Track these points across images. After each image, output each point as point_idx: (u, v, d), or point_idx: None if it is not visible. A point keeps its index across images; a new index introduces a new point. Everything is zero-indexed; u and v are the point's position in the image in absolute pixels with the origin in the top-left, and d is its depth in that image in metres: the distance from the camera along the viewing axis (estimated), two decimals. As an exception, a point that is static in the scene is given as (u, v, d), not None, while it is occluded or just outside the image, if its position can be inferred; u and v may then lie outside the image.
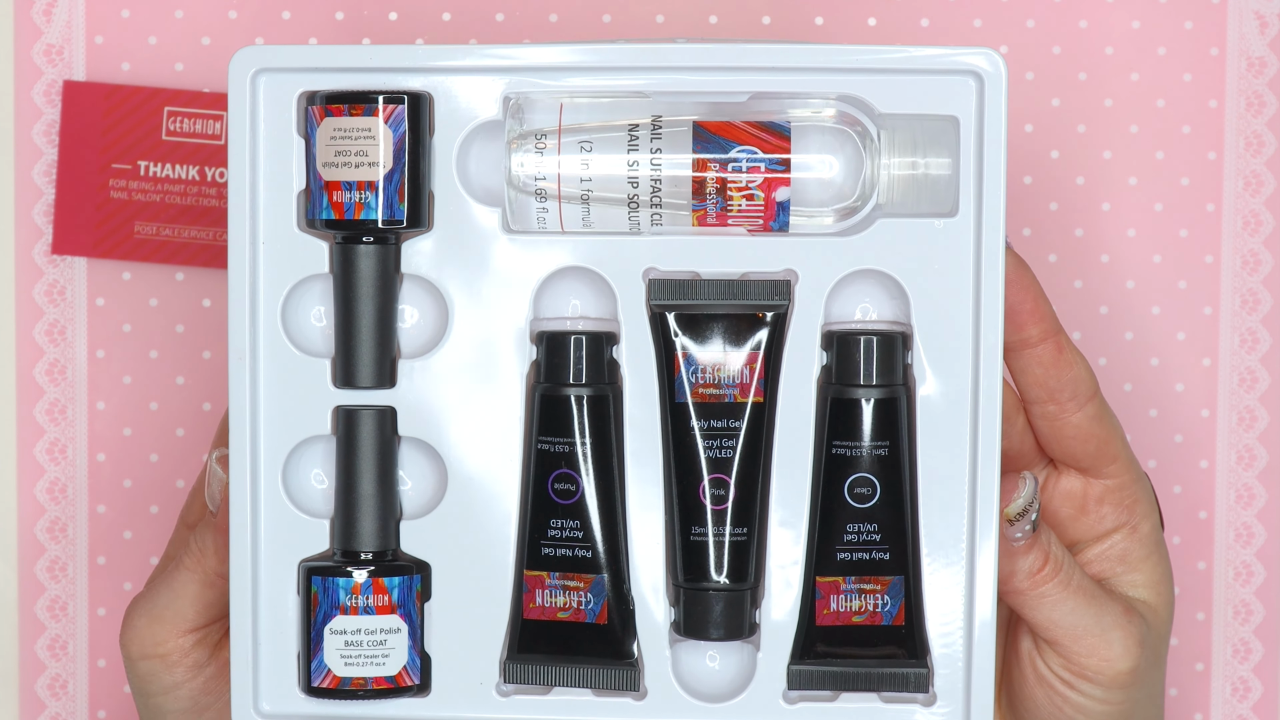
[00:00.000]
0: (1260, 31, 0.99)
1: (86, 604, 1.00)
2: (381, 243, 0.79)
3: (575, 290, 0.80)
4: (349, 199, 0.77)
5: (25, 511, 1.00)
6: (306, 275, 0.80)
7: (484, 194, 0.79)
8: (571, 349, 0.79)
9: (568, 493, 0.80)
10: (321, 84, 0.78)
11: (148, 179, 0.99)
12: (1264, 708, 1.00)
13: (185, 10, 1.00)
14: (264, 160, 0.79)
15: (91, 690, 1.00)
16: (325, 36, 1.00)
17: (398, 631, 0.80)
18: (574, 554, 0.80)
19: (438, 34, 1.00)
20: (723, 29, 1.00)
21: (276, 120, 0.79)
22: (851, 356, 0.78)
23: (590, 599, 0.80)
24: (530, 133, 0.77)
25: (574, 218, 0.78)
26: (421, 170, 0.78)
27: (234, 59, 0.78)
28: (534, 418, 0.79)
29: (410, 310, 0.80)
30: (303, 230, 0.79)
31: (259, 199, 0.79)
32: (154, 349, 1.00)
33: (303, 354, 0.80)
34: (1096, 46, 1.00)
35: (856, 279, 0.79)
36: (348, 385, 0.79)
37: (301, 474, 0.81)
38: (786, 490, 0.80)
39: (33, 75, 0.99)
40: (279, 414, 0.80)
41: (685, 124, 0.77)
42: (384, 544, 0.80)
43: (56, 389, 1.00)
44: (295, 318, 0.80)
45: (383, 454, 0.80)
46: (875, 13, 1.00)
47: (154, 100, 0.99)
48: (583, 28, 1.00)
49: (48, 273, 1.00)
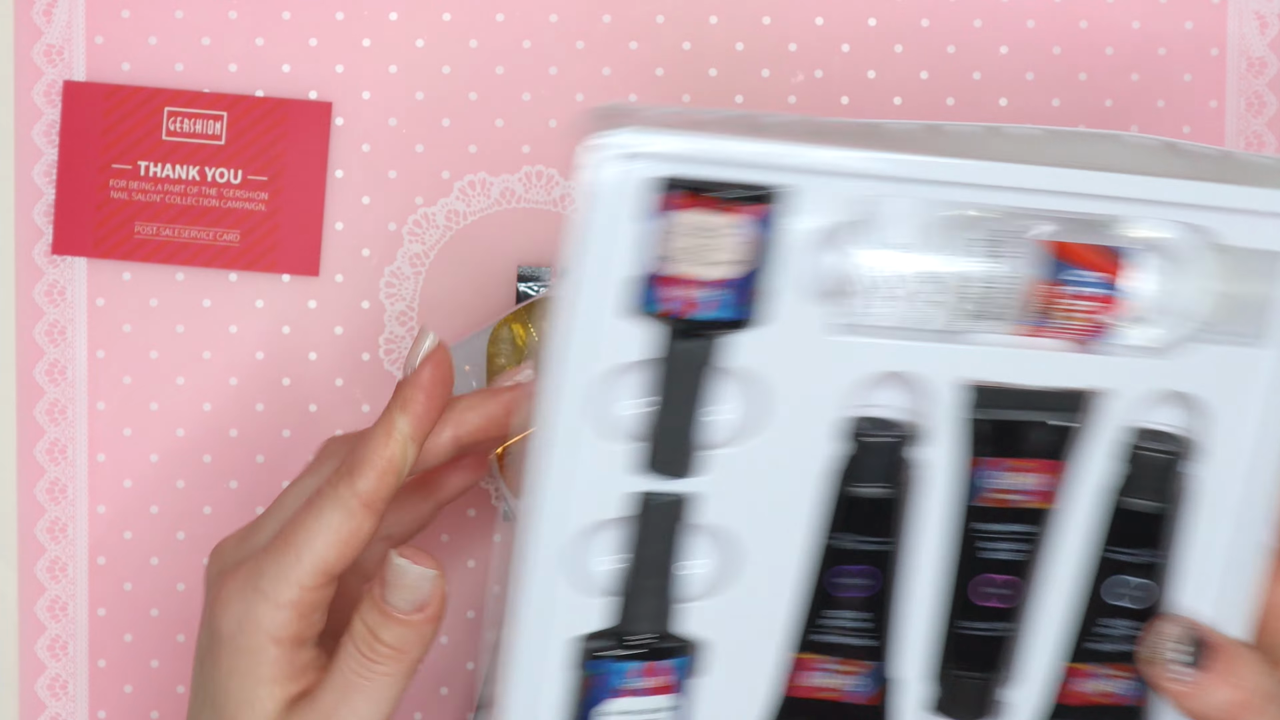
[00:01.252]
0: (1260, 31, 0.99)
1: (86, 604, 1.00)
2: (709, 339, 0.76)
3: (884, 394, 0.79)
4: (688, 295, 0.74)
5: (25, 511, 1.00)
6: (624, 361, 0.76)
7: (809, 292, 0.76)
8: (875, 451, 0.79)
9: (847, 586, 0.81)
10: (666, 170, 0.73)
11: (148, 179, 0.99)
12: (1264, 708, 1.00)
13: (185, 10, 1.00)
14: (598, 240, 0.74)
15: (91, 690, 1.00)
16: (325, 37, 1.00)
17: (668, 711, 0.80)
18: (844, 641, 0.82)
19: (438, 33, 1.00)
20: (723, 29, 1.00)
21: (613, 200, 0.73)
22: (1142, 472, 0.80)
23: (856, 683, 0.82)
24: (867, 237, 0.76)
25: (897, 319, 0.77)
26: (768, 271, 0.75)
27: (589, 141, 0.72)
28: (827, 512, 0.79)
29: (723, 403, 0.77)
30: (626, 316, 0.75)
31: (586, 279, 0.74)
32: (154, 349, 1.00)
33: (608, 438, 0.77)
34: (1096, 46, 1.00)
35: (1161, 399, 0.80)
36: (652, 472, 0.77)
37: (589, 554, 0.78)
38: (1058, 592, 0.81)
39: (33, 75, 0.99)
40: (570, 493, 0.77)
41: (1023, 239, 0.76)
42: (662, 627, 0.80)
43: (56, 389, 1.00)
44: (606, 401, 0.77)
45: (672, 541, 0.78)
46: (875, 13, 1.00)
47: (154, 100, 0.99)
48: (583, 28, 1.00)
49: (48, 273, 1.00)
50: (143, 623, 1.00)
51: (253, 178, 0.99)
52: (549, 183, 1.00)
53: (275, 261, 0.99)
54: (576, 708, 0.79)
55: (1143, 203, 0.76)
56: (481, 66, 1.00)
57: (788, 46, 1.00)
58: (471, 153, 1.00)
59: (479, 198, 1.00)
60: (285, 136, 0.99)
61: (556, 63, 1.00)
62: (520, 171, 1.00)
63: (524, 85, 1.00)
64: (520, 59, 1.00)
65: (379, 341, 1.00)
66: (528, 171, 1.00)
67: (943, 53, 1.00)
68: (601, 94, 1.00)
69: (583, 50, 1.00)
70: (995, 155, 0.76)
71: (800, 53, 1.00)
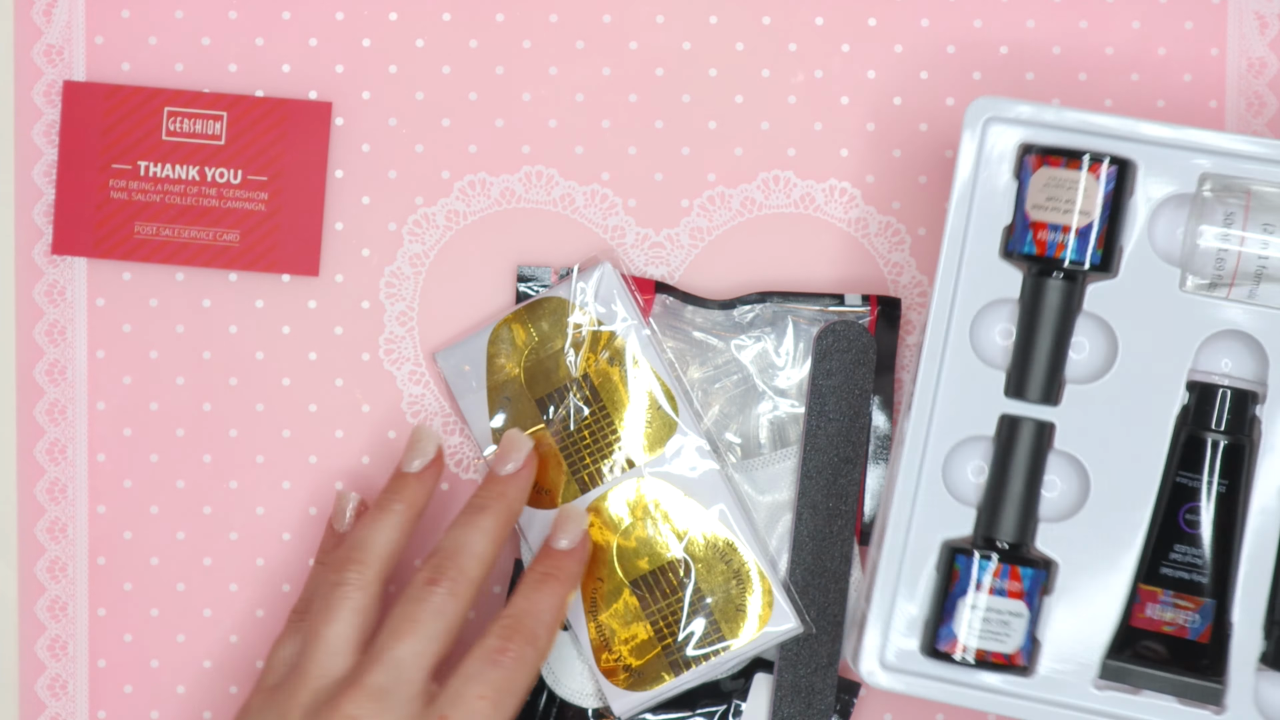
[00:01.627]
0: (1260, 32, 0.99)
1: (87, 604, 1.00)
2: (1070, 280, 0.91)
3: (1232, 350, 0.91)
4: (1052, 239, 0.90)
5: (25, 511, 1.00)
6: (998, 298, 0.92)
7: (1166, 254, 0.91)
8: (1219, 400, 0.90)
9: (1194, 523, 0.90)
10: (1035, 137, 0.91)
11: (148, 179, 0.99)
12: (1264, 708, 1.00)
13: (185, 10, 1.00)
14: (979, 194, 0.91)
15: (91, 690, 1.00)
16: (325, 37, 1.00)
17: (1020, 616, 0.91)
18: (1190, 578, 0.91)
19: (438, 33, 1.00)
20: (723, 29, 1.00)
21: (993, 162, 0.92)
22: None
23: (1196, 619, 0.91)
24: (1220, 210, 0.89)
25: (1243, 289, 0.90)
26: (1119, 224, 0.90)
27: (971, 106, 0.91)
28: (1177, 453, 0.91)
29: (1084, 342, 0.92)
30: (1002, 259, 0.92)
31: (970, 227, 0.91)
32: (154, 349, 1.00)
33: (984, 364, 0.92)
34: (1096, 46, 1.00)
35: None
36: (1018, 396, 0.91)
37: (961, 466, 0.92)
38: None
39: (33, 75, 0.99)
40: (954, 412, 0.92)
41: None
42: (1021, 538, 0.91)
43: (56, 389, 1.00)
44: (982, 332, 0.92)
45: (1035, 461, 0.91)
46: (875, 13, 1.00)
47: (154, 100, 0.99)
48: (583, 27, 1.00)
49: (48, 273, 1.00)
50: (143, 623, 1.00)
51: (253, 178, 0.99)
52: (549, 183, 1.00)
53: (275, 261, 0.99)
54: (944, 597, 0.91)
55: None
56: (481, 66, 1.00)
57: (788, 46, 1.00)
58: (471, 153, 1.00)
59: (479, 198, 1.00)
60: (285, 136, 0.99)
61: (556, 63, 1.00)
62: (520, 171, 1.00)
63: (524, 85, 1.00)
64: (520, 59, 1.00)
65: (379, 341, 1.00)
66: (528, 171, 1.00)
67: (943, 53, 1.00)
68: (602, 94, 1.00)
69: (583, 50, 1.00)
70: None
71: (800, 53, 1.00)
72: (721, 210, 1.00)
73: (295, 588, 1.00)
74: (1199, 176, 0.91)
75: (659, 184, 1.00)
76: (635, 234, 1.00)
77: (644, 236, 1.00)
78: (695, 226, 1.00)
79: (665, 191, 1.00)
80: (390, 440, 1.00)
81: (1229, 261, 0.89)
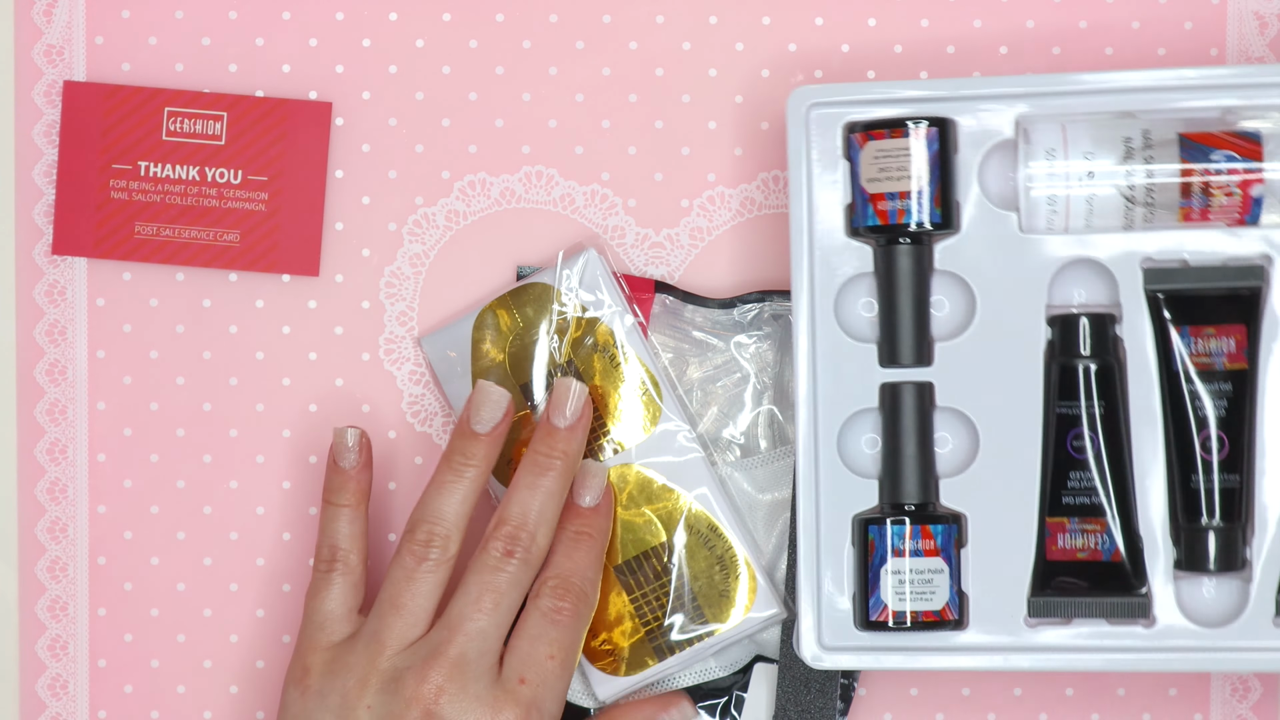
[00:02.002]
0: (1260, 32, 0.99)
1: (87, 604, 1.00)
2: (917, 243, 0.93)
3: (1082, 279, 0.94)
4: (892, 207, 0.92)
5: (25, 511, 1.00)
6: (855, 274, 0.94)
7: (1001, 201, 0.94)
8: (1080, 328, 0.93)
9: (1081, 449, 0.93)
10: (856, 115, 0.93)
11: (148, 179, 0.99)
12: (1264, 707, 1.00)
13: (185, 10, 1.00)
14: (817, 180, 0.94)
15: (92, 690, 1.00)
16: (325, 37, 1.00)
17: (941, 572, 0.93)
18: (1090, 501, 0.94)
19: (438, 33, 1.00)
20: (723, 29, 1.00)
21: (822, 147, 0.94)
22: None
23: (1106, 540, 0.93)
24: (1041, 148, 0.92)
25: (1079, 219, 0.92)
26: (951, 181, 0.93)
27: (791, 96, 0.93)
28: (1052, 386, 0.93)
29: (943, 300, 0.94)
30: (849, 237, 0.94)
31: (815, 213, 0.94)
32: (154, 349, 1.00)
33: (855, 340, 0.94)
34: (1096, 46, 1.00)
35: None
36: (892, 364, 0.93)
37: (855, 441, 0.94)
38: (1271, 443, 0.93)
39: (33, 75, 0.99)
40: (834, 391, 0.94)
41: (1171, 135, 0.91)
42: (926, 497, 0.93)
43: (56, 389, 1.00)
44: (846, 309, 0.94)
45: (923, 421, 0.93)
46: (876, 14, 1.00)
47: (154, 100, 0.99)
48: (583, 27, 1.00)
49: (48, 273, 1.00)
50: (143, 623, 1.00)
51: (253, 178, 0.99)
52: (549, 183, 1.00)
53: (275, 261, 0.99)
54: (865, 569, 0.93)
55: (1260, 87, 0.91)
56: (481, 66, 1.00)
57: (788, 46, 1.00)
58: (471, 153, 1.00)
59: (479, 198, 1.00)
60: (285, 136, 0.99)
61: (556, 63, 1.00)
62: (520, 171, 1.00)
63: (524, 85, 1.00)
64: (520, 59, 1.00)
65: (379, 341, 1.00)
66: (528, 171, 1.00)
67: (943, 53, 1.00)
68: (603, 94, 1.00)
69: (583, 50, 1.00)
70: None
71: (800, 53, 1.00)
72: (721, 210, 1.00)
73: (295, 588, 1.00)
74: (1015, 121, 0.93)
75: (659, 184, 1.00)
76: (635, 234, 1.00)
77: (644, 236, 1.00)
78: (695, 226, 1.00)
79: (665, 191, 1.00)
80: (390, 440, 1.00)
81: (1059, 195, 0.91)
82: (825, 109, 0.94)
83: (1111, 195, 0.91)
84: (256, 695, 1.00)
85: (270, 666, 1.00)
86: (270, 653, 1.00)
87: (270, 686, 1.00)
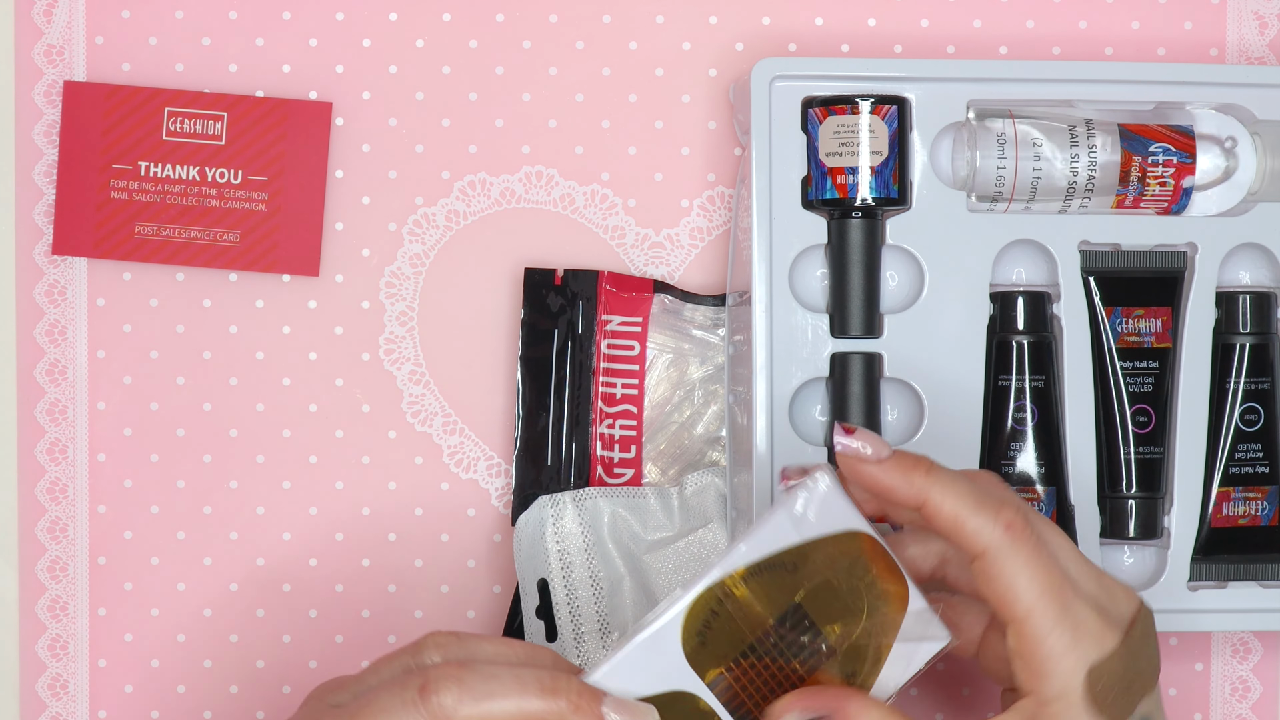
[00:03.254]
0: (1260, 32, 1.00)
1: (87, 604, 1.00)
2: (870, 217, 0.95)
3: (1023, 259, 0.97)
4: (851, 181, 0.95)
5: (26, 511, 1.00)
6: (809, 245, 0.96)
7: (949, 179, 0.96)
8: (1019, 305, 0.97)
9: (1022, 420, 0.97)
10: (815, 90, 0.96)
11: (148, 179, 0.99)
12: (1263, 708, 1.00)
13: (185, 10, 1.00)
14: (776, 152, 0.95)
15: (92, 690, 1.00)
16: (325, 37, 1.00)
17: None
18: (1029, 471, 0.97)
19: (438, 33, 1.00)
20: (722, 29, 1.00)
21: (781, 120, 0.96)
22: (1232, 312, 0.97)
23: (1041, 509, 0.97)
24: (991, 131, 0.95)
25: (1021, 201, 0.96)
26: (906, 158, 0.96)
27: (755, 68, 0.94)
28: (993, 360, 0.97)
29: (894, 274, 0.96)
30: (804, 209, 0.96)
31: (773, 184, 0.95)
32: (154, 349, 1.00)
33: (806, 309, 0.96)
34: (1096, 46, 1.00)
35: (1241, 250, 0.97)
36: (843, 335, 0.96)
37: (808, 409, 0.96)
38: (1190, 418, 0.97)
39: (33, 75, 0.99)
40: (789, 360, 0.96)
41: (1112, 126, 0.95)
42: None
43: (56, 389, 1.00)
44: (801, 279, 0.96)
45: (870, 390, 0.95)
46: (876, 14, 1.00)
47: (154, 100, 0.99)
48: (583, 27, 1.00)
49: (48, 273, 1.00)
50: (143, 623, 1.00)
51: (253, 178, 0.99)
52: (549, 183, 1.00)
53: (275, 261, 0.99)
54: None
55: (1196, 85, 0.96)
56: (481, 66, 1.00)
57: (788, 46, 1.00)
58: (471, 153, 1.00)
59: (479, 198, 1.00)
60: (285, 136, 0.99)
61: (556, 63, 1.00)
62: (520, 171, 1.00)
63: (524, 85, 1.00)
64: (520, 59, 1.00)
65: (379, 341, 1.00)
66: (528, 171, 1.00)
67: (943, 53, 1.00)
68: (602, 94, 1.00)
69: (583, 50, 1.00)
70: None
71: (800, 53, 1.00)
72: (721, 210, 1.00)
73: (295, 588, 1.00)
74: (966, 104, 0.95)
75: (659, 184, 1.00)
76: (635, 234, 1.00)
77: (644, 236, 1.00)
78: (695, 226, 1.00)
79: (665, 191, 1.00)
80: (390, 440, 1.00)
81: (1007, 178, 0.95)
82: (788, 82, 0.95)
83: (1054, 178, 0.95)
84: (256, 695, 1.00)
85: (270, 666, 1.00)
86: (270, 653, 1.00)
87: (270, 686, 1.00)
